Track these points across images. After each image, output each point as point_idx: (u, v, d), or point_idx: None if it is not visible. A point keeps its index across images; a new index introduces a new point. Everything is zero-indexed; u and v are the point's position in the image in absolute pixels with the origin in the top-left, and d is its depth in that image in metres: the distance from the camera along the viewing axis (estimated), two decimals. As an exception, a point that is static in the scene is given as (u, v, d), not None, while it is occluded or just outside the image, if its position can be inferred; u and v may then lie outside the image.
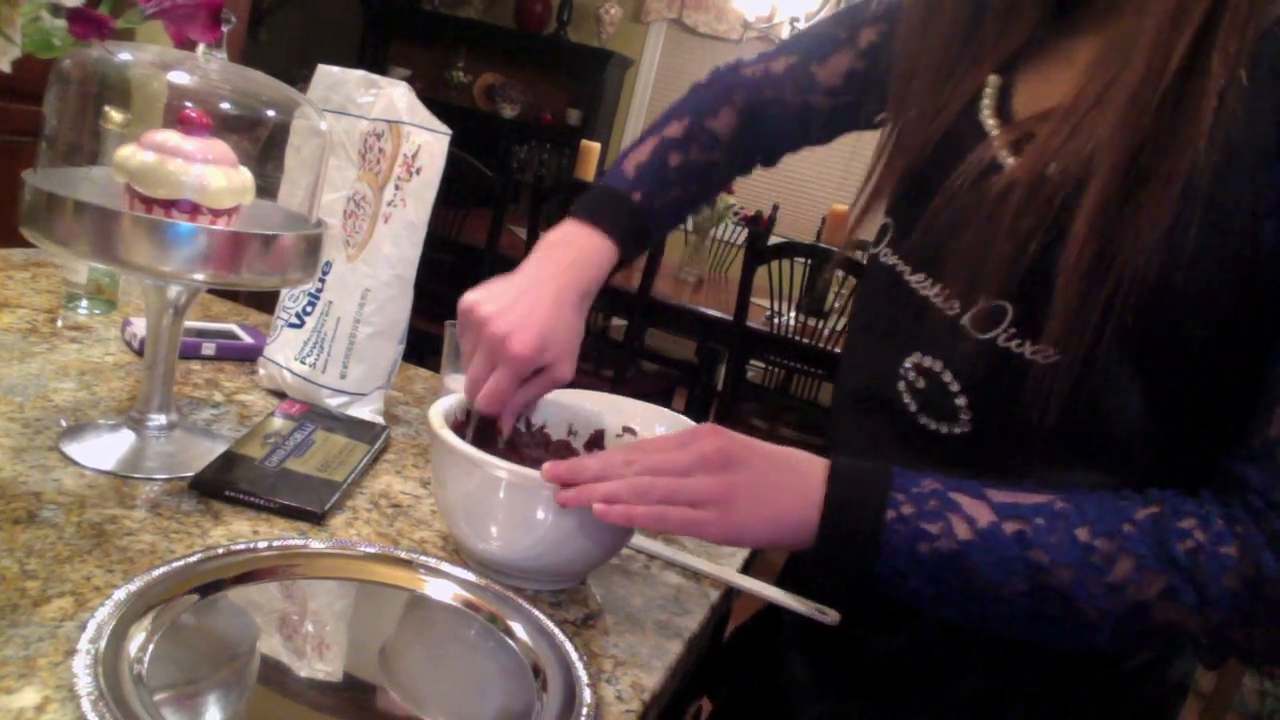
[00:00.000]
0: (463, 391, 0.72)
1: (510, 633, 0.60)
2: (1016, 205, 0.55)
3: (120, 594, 0.52)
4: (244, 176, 0.69)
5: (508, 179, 2.91)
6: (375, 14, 5.07)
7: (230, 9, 0.65)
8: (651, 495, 0.57)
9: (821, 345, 2.59)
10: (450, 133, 0.90)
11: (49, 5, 0.58)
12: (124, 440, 0.72)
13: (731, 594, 0.78)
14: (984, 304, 0.58)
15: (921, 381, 0.63)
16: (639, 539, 0.77)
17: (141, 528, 0.62)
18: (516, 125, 4.97)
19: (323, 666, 0.55)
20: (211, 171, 0.66)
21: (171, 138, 0.65)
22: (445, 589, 0.63)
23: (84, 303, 1.00)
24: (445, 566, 0.65)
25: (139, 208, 0.65)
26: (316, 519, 0.69)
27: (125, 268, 0.65)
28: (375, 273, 0.88)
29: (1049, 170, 0.54)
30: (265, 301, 1.00)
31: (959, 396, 0.60)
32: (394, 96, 0.86)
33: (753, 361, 2.91)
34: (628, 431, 0.76)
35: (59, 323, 0.96)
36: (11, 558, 0.56)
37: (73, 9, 0.57)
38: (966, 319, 0.59)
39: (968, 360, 0.59)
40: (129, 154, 0.65)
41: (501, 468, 0.62)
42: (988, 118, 0.62)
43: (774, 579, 0.77)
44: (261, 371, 0.95)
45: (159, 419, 0.74)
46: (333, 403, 0.89)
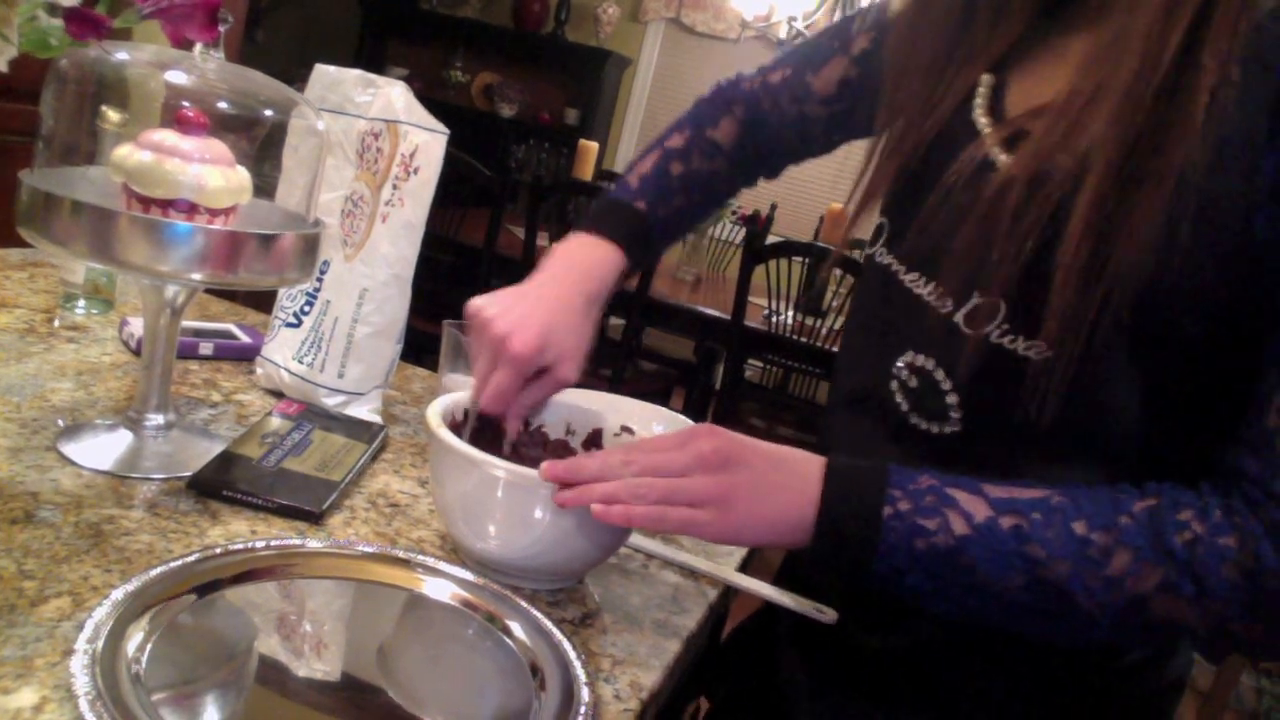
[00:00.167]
0: (459, 391, 0.72)
1: (508, 632, 0.60)
2: (1015, 203, 0.55)
3: (118, 594, 0.52)
4: (241, 176, 0.69)
5: (506, 178, 2.92)
6: (373, 13, 5.07)
7: (227, 8, 0.65)
8: (650, 495, 0.57)
9: (819, 344, 2.60)
10: (448, 132, 0.90)
11: (46, 5, 0.58)
12: (121, 440, 0.72)
13: (729, 593, 0.78)
14: (978, 300, 0.58)
15: (914, 380, 0.63)
16: (637, 538, 0.77)
17: (139, 528, 0.62)
18: (514, 125, 4.97)
19: (321, 666, 0.55)
20: (209, 171, 0.66)
21: (169, 137, 0.65)
22: (443, 588, 0.63)
23: (81, 303, 1.00)
24: (443, 566, 0.65)
25: (136, 207, 0.65)
26: (314, 519, 0.69)
27: (123, 267, 0.65)
28: (373, 272, 0.88)
29: (1046, 168, 0.55)
30: (263, 301, 1.00)
31: (950, 395, 0.60)
32: (392, 96, 0.86)
33: (751, 361, 2.91)
34: (625, 431, 0.76)
35: (56, 323, 0.95)
36: (9, 558, 0.55)
37: (70, 8, 0.57)
38: (960, 316, 0.59)
39: (960, 358, 0.59)
40: (126, 153, 0.65)
41: (499, 467, 0.62)
42: (980, 116, 0.62)
43: (772, 578, 0.77)
44: (259, 371, 0.95)
45: (156, 419, 0.74)
46: (330, 402, 0.89)
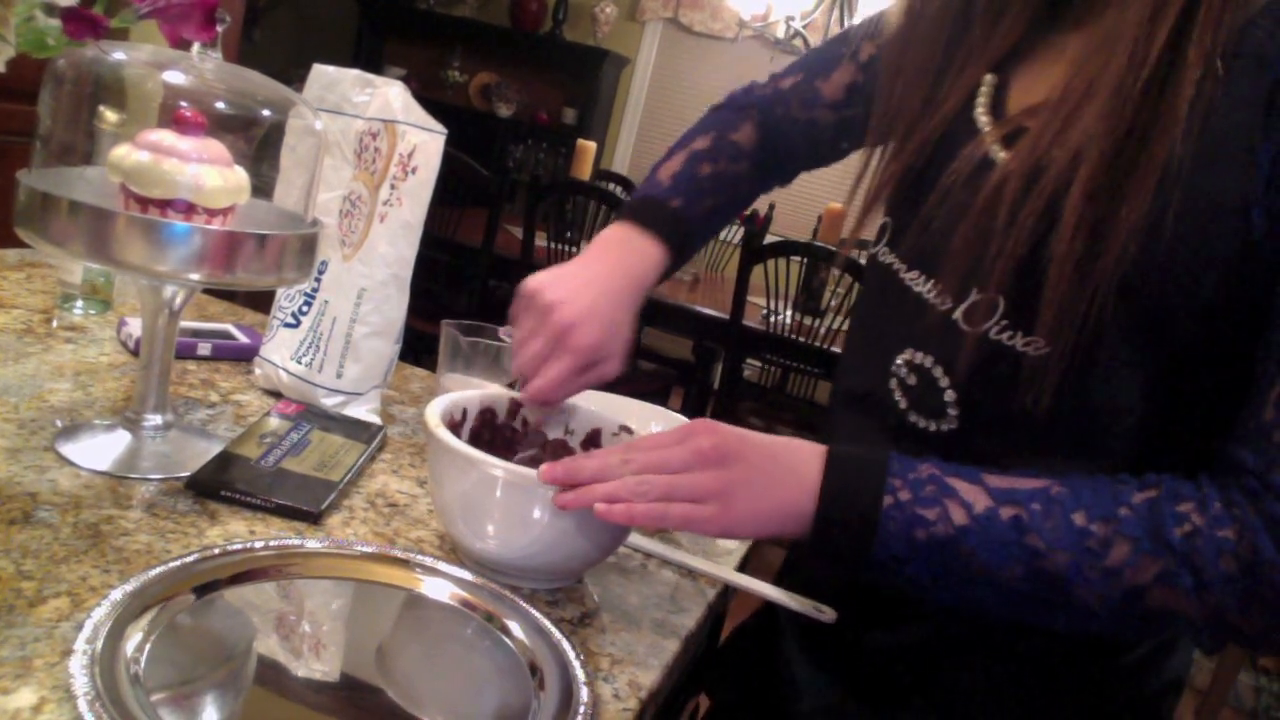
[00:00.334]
0: (458, 391, 0.72)
1: (507, 631, 0.60)
2: (1012, 198, 0.56)
3: (116, 594, 0.52)
4: (239, 176, 0.69)
5: (503, 178, 2.91)
6: (370, 13, 5.06)
7: (225, 8, 0.65)
8: (650, 493, 0.57)
9: (817, 344, 2.60)
10: (446, 132, 0.90)
11: (43, 5, 0.58)
12: (120, 440, 0.72)
13: (728, 592, 0.78)
14: (976, 297, 0.58)
15: (913, 378, 0.63)
16: (636, 537, 0.77)
17: (137, 528, 0.62)
18: (512, 124, 4.96)
19: (319, 666, 0.55)
20: (207, 171, 0.66)
21: (166, 137, 0.65)
22: (442, 588, 0.63)
23: (79, 303, 1.00)
24: (442, 566, 0.65)
25: (134, 207, 0.65)
26: (313, 519, 0.69)
27: (120, 268, 0.64)
28: (371, 272, 0.88)
29: (1042, 162, 0.55)
30: (261, 301, 1.00)
31: (948, 392, 0.61)
32: (389, 96, 0.86)
33: (749, 360, 2.91)
34: (624, 430, 0.76)
35: (54, 323, 0.95)
36: (7, 558, 0.55)
37: (67, 8, 0.57)
38: (959, 313, 0.60)
39: (959, 355, 0.59)
40: (124, 154, 0.65)
41: (498, 467, 0.62)
42: (981, 114, 0.63)
43: (771, 577, 0.77)
44: (257, 371, 0.94)
45: (154, 419, 0.74)
46: (329, 402, 0.89)
